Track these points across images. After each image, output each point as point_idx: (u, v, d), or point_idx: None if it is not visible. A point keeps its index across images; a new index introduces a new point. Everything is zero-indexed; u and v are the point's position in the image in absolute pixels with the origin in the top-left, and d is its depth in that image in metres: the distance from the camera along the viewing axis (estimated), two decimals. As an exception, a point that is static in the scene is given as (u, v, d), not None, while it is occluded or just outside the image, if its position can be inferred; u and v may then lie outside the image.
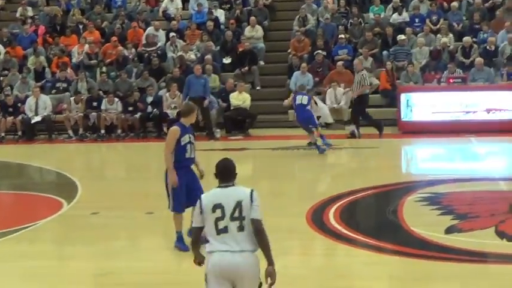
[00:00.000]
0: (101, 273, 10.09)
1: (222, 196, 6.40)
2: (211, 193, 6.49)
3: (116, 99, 21.24)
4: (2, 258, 10.87)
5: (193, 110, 10.66)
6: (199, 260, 6.67)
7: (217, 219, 6.32)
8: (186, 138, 10.16)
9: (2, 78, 22.96)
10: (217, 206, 6.33)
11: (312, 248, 11.18)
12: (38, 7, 26.62)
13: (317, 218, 11.94)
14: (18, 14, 26.24)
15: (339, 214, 12.12)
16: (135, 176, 17.19)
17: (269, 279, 6.27)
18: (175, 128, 10.28)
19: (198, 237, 6.54)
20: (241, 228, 6.32)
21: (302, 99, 17.22)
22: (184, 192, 10.21)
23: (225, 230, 6.31)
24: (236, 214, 6.33)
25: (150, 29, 24.18)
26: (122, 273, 9.89)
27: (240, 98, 20.65)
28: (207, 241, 6.51)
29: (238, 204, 6.34)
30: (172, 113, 20.58)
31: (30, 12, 26.21)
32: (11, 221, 12.88)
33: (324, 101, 20.54)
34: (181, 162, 10.22)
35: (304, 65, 21.43)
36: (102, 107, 21.21)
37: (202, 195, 6.54)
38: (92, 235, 11.72)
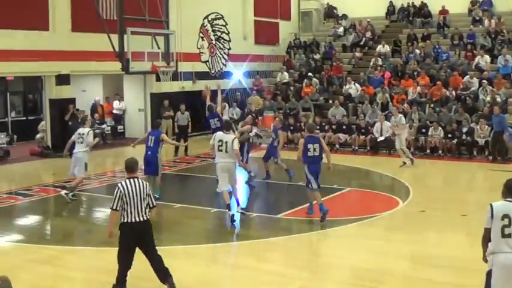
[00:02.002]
0: (412, 256, 9.85)
1: (510, 208, 6.13)
2: (501, 204, 6.21)
3: (439, 128, 20.49)
4: (352, 236, 11.09)
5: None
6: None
7: (504, 226, 6.09)
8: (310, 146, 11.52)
9: (358, 108, 23.23)
10: (505, 216, 6.09)
11: None
12: (385, 58, 26.65)
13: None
14: (371, 63, 26.52)
15: None
16: (452, 186, 16.56)
17: None
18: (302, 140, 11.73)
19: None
20: None
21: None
22: None
23: (509, 235, 6.07)
24: None
25: (466, 77, 23.09)
26: (429, 256, 9.69)
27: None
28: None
29: None
30: (480, 141, 19.34)
31: (379, 62, 26.34)
32: (361, 211, 12.99)
33: None
34: None
35: None
36: (429, 132, 20.60)
37: (493, 204, 6.19)
38: (417, 227, 11.49)
